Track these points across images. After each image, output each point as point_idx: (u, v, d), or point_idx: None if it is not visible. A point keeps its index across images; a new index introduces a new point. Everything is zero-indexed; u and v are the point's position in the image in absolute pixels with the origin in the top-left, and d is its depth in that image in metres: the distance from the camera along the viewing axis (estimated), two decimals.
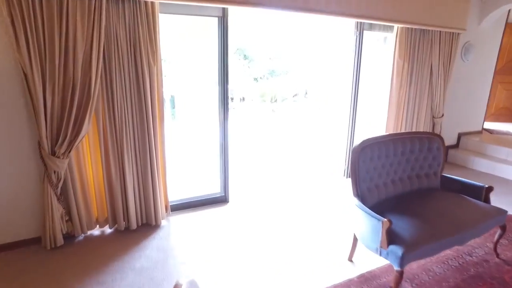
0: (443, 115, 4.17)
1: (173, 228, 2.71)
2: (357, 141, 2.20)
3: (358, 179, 2.15)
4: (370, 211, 1.94)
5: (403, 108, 3.86)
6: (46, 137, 2.13)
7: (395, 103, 3.77)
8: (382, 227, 1.83)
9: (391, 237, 1.84)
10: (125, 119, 2.41)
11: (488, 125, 5.54)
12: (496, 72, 4.97)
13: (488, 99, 4.97)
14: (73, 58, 2.08)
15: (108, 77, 2.28)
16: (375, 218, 1.88)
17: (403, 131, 3.95)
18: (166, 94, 6.30)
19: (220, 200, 3.20)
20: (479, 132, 5.01)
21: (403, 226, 1.93)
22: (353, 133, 3.83)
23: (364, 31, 3.52)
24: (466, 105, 4.67)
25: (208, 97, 4.27)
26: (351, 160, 2.17)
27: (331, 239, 2.59)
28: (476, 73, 4.57)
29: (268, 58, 14.49)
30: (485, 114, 5.03)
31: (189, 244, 2.49)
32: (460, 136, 4.75)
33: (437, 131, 4.24)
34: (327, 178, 3.96)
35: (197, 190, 3.37)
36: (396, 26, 3.50)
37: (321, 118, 7.26)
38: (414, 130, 4.04)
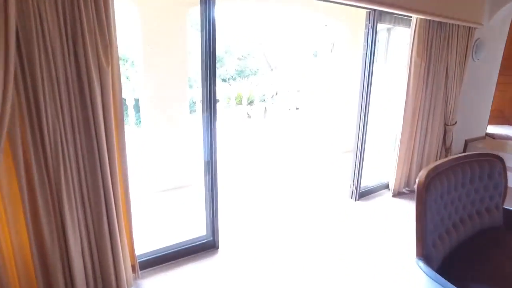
0: (456, 122, 3.67)
1: None
2: (420, 177, 1.52)
3: (425, 232, 1.48)
4: None
5: (418, 115, 3.29)
6: None
7: (410, 109, 3.19)
8: None
9: None
10: (63, 148, 1.54)
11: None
12: None
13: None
14: None
15: (29, 85, 1.40)
16: None
17: (417, 141, 3.39)
18: (129, 99, 5.35)
19: (207, 247, 2.40)
20: (482, 138, 4.62)
21: None
22: (363, 148, 3.19)
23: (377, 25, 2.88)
24: (473, 108, 4.24)
25: (182, 100, 3.43)
26: (416, 205, 1.48)
27: None
28: (483, 73, 4.15)
29: (236, 58, 13.77)
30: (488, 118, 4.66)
31: None
32: (467, 143, 4.32)
33: (448, 140, 3.74)
34: (332, 202, 3.28)
35: (175, 233, 2.55)
36: (415, 17, 2.91)
37: (315, 124, 6.63)
38: (427, 140, 3.49)
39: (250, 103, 9.77)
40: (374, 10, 2.77)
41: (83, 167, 1.64)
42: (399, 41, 4.43)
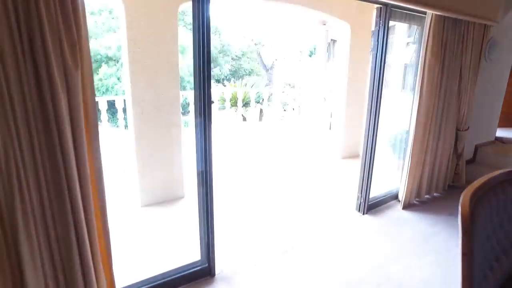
0: (468, 127, 3.42)
1: None
2: (462, 205, 1.24)
3: (473, 271, 1.19)
4: None
5: (431, 120, 3.03)
6: None
7: (423, 114, 2.93)
8: None
9: None
10: (18, 171, 1.23)
11: None
12: None
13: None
14: None
15: None
16: None
17: (429, 149, 3.13)
18: (120, 101, 5.10)
19: (202, 274, 2.09)
20: (492, 142, 4.39)
21: None
22: (373, 156, 2.91)
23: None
24: (483, 112, 4.00)
25: (173, 103, 3.12)
26: (461, 239, 1.19)
27: None
28: (495, 74, 3.92)
29: (231, 58, 13.47)
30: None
31: None
32: (477, 148, 4.08)
33: (460, 146, 3.49)
34: (338, 216, 3.00)
35: (163, 259, 2.25)
36: (429, 13, 2.64)
37: (313, 126, 6.36)
38: (439, 147, 3.23)
39: (246, 104, 9.46)
40: (386, 5, 2.50)
41: (47, 194, 1.32)
42: (398, 41, 4.21)
